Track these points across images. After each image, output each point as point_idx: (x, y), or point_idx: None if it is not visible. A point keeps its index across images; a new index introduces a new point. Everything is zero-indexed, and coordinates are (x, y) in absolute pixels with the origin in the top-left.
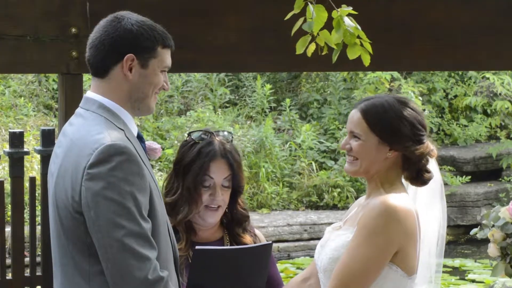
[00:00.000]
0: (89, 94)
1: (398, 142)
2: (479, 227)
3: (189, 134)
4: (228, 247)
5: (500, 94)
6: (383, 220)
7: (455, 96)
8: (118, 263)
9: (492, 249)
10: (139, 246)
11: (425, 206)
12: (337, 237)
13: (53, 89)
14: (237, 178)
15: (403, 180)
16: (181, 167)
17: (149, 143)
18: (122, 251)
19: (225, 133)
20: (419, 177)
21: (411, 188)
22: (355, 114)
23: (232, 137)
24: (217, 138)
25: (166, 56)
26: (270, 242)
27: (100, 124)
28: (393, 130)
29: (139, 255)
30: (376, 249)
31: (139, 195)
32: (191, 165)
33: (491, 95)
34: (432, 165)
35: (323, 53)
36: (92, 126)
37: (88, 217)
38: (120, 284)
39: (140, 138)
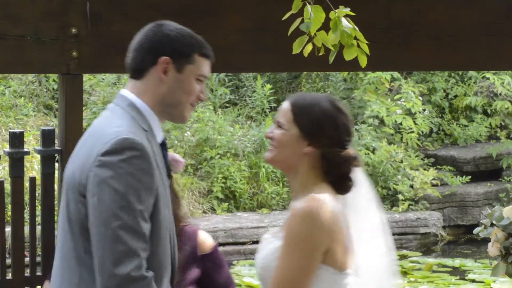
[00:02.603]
0: (123, 91)
1: (317, 139)
2: (482, 226)
3: None
4: None
5: (500, 94)
6: (305, 226)
7: (455, 96)
8: (106, 253)
9: (492, 249)
10: (131, 241)
11: (360, 213)
12: (267, 244)
13: (53, 89)
14: None
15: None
16: None
17: (173, 155)
18: (113, 242)
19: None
20: (340, 184)
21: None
22: (285, 105)
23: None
24: None
25: (203, 65)
26: None
27: (124, 119)
28: (315, 126)
29: (129, 249)
30: (303, 255)
31: (144, 192)
32: None
33: (491, 95)
34: (359, 176)
35: (320, 54)
36: (116, 119)
37: (90, 203)
38: (103, 272)
39: (163, 145)
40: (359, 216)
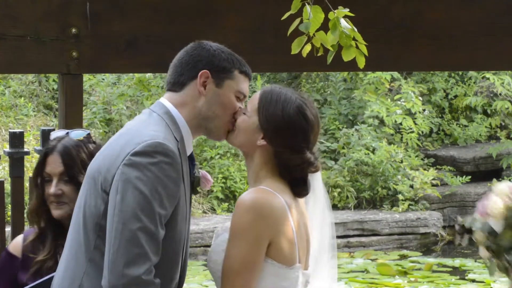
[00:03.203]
0: (162, 100)
1: (271, 134)
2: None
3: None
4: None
5: (500, 94)
6: (249, 217)
7: (455, 96)
8: (120, 251)
9: (483, 252)
10: (147, 244)
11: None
12: (216, 238)
13: (53, 89)
14: (73, 174)
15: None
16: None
17: (205, 173)
18: (130, 242)
19: (79, 131)
20: (294, 187)
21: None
22: (258, 92)
23: (88, 136)
24: (70, 135)
25: (242, 81)
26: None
27: (160, 125)
28: (271, 123)
29: (144, 252)
30: (247, 246)
31: (166, 200)
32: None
33: (491, 95)
34: (317, 181)
35: (318, 54)
36: (152, 124)
37: (112, 199)
38: (113, 269)
39: (192, 159)
40: (314, 219)
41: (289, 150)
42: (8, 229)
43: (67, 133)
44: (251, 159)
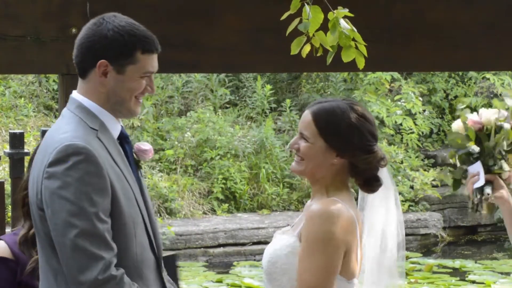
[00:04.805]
0: (73, 93)
1: (345, 149)
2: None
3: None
4: None
5: (500, 94)
6: (326, 227)
7: (456, 97)
8: (70, 262)
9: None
10: (91, 246)
11: (375, 210)
12: (278, 241)
13: (53, 89)
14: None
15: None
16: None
17: (139, 144)
18: (74, 251)
19: None
20: (367, 185)
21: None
22: (306, 116)
23: None
24: None
25: (147, 62)
26: (174, 253)
27: (71, 124)
28: (342, 138)
29: (91, 254)
30: (326, 256)
31: (96, 195)
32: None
33: (491, 95)
34: (384, 173)
35: (318, 54)
36: (63, 125)
37: (47, 215)
38: (71, 281)
39: (125, 138)
40: (375, 213)
41: (363, 153)
42: (8, 229)
43: None
44: (321, 180)
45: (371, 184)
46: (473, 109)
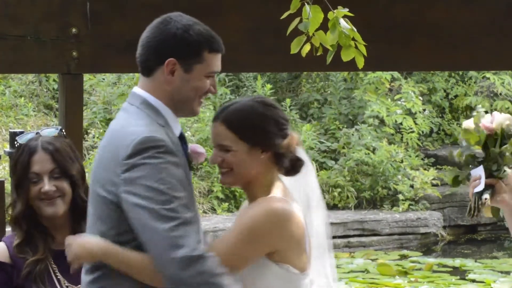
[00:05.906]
0: (135, 89)
1: (267, 141)
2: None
3: (16, 140)
4: None
5: (500, 94)
6: (261, 221)
7: (456, 96)
8: (160, 243)
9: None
10: (185, 232)
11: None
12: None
13: (53, 89)
14: (65, 168)
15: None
16: (14, 172)
17: (194, 146)
18: (166, 238)
19: (50, 129)
20: (293, 168)
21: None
22: (218, 127)
23: (61, 131)
24: (42, 134)
25: (213, 61)
26: None
27: (141, 119)
28: (260, 131)
29: (181, 237)
30: (252, 248)
31: (179, 184)
32: (16, 165)
33: (492, 95)
34: (301, 151)
35: (317, 54)
36: (133, 119)
37: (128, 207)
38: (165, 260)
39: (182, 139)
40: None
41: (283, 138)
42: (8, 229)
43: (37, 133)
44: (254, 180)
45: (296, 165)
46: (474, 109)
